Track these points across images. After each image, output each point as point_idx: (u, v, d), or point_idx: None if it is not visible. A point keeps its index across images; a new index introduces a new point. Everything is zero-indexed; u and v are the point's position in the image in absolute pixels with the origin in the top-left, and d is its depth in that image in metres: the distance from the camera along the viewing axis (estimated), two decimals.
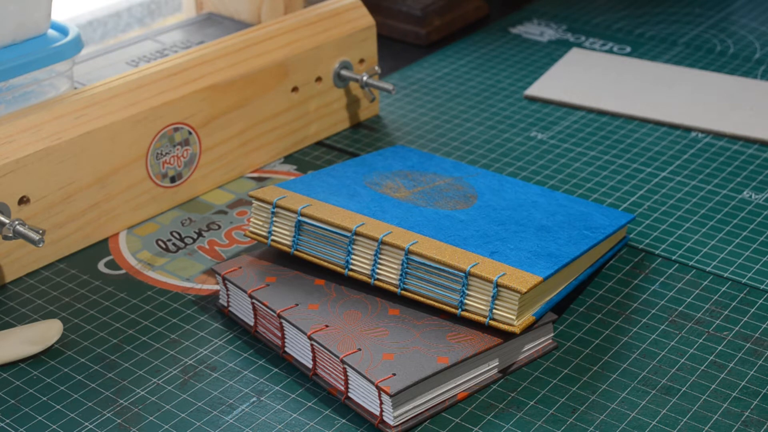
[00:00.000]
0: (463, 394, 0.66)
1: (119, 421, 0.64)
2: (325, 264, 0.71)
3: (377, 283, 0.69)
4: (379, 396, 0.62)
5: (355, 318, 0.67)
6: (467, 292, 0.66)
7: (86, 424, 0.64)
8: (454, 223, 0.72)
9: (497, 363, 0.67)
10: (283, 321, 0.68)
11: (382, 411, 0.63)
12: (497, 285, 0.65)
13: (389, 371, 0.63)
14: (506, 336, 0.66)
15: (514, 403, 0.65)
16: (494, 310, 0.66)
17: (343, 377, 0.64)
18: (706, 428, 0.63)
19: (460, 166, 0.84)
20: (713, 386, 0.67)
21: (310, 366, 0.67)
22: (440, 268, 0.67)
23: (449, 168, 0.83)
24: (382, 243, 0.69)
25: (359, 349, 0.64)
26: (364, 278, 0.70)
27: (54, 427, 0.64)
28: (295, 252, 0.72)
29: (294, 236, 0.72)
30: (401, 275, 0.68)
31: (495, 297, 0.66)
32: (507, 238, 0.71)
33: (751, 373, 0.68)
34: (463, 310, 0.67)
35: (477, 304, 0.66)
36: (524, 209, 0.76)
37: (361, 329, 0.66)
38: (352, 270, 0.70)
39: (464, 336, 0.66)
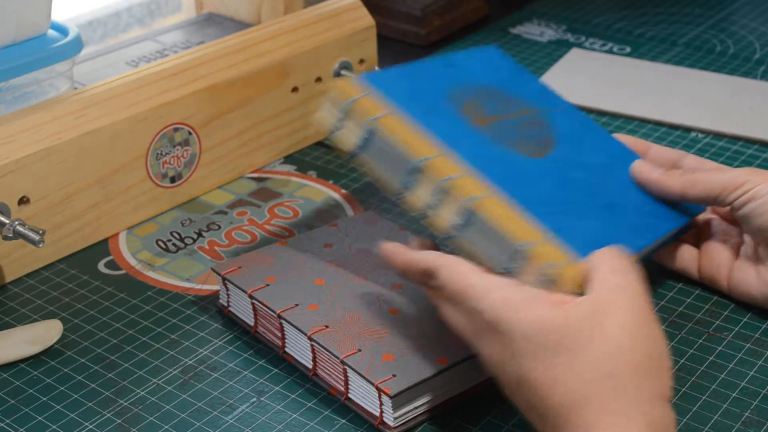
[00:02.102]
0: (464, 394, 0.65)
1: (119, 421, 0.64)
2: (380, 180, 0.67)
3: (426, 221, 0.65)
4: (379, 397, 0.62)
5: (356, 318, 0.67)
6: (515, 266, 0.63)
7: (86, 424, 0.64)
8: (524, 176, 0.68)
9: None
10: (283, 321, 0.68)
11: (382, 412, 0.63)
12: (546, 275, 0.62)
13: (389, 372, 0.63)
14: None
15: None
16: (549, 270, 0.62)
17: (343, 378, 0.64)
18: (706, 428, 0.63)
19: (547, 92, 0.79)
20: (713, 386, 0.67)
21: (310, 366, 0.67)
22: (500, 234, 0.63)
23: (536, 94, 0.78)
24: (448, 185, 0.64)
25: (359, 350, 0.64)
26: (415, 210, 0.66)
27: (54, 427, 0.64)
28: (356, 159, 0.68)
29: (361, 143, 0.67)
30: (456, 224, 0.64)
31: (541, 281, 0.62)
32: (571, 211, 0.67)
33: (751, 373, 0.68)
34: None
35: (524, 276, 0.63)
36: (598, 174, 0.73)
37: (361, 329, 0.66)
38: (406, 198, 0.66)
39: None
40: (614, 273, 0.58)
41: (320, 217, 0.85)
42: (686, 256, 0.76)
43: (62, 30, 0.83)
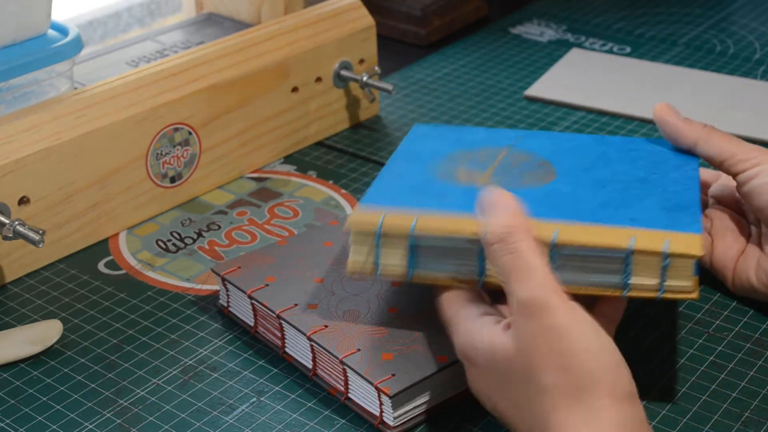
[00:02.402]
0: (465, 393, 0.65)
1: (119, 421, 0.64)
2: (452, 281, 0.62)
3: None
4: (379, 397, 0.62)
5: (355, 317, 0.67)
6: (632, 269, 0.61)
7: (86, 424, 0.64)
8: (565, 198, 0.66)
9: None
10: (282, 321, 0.68)
11: (381, 412, 0.63)
12: (669, 255, 0.60)
13: (388, 372, 0.63)
14: None
15: None
16: (667, 282, 0.61)
17: (342, 378, 0.64)
18: (706, 428, 0.63)
19: (497, 133, 0.77)
20: (713, 386, 0.67)
21: (310, 366, 0.67)
22: (596, 253, 0.60)
23: (491, 138, 0.76)
24: None
25: (358, 350, 0.64)
26: (501, 283, 0.60)
27: (54, 427, 0.64)
28: (414, 278, 0.63)
29: (409, 260, 0.63)
30: (552, 270, 0.59)
31: (666, 268, 0.61)
32: (626, 201, 0.65)
33: (751, 373, 0.68)
34: (629, 290, 0.61)
35: (645, 280, 0.61)
36: (604, 165, 0.71)
37: (360, 329, 0.66)
38: (488, 277, 0.62)
39: None
40: (533, 288, 0.56)
41: (320, 217, 0.85)
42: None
43: (62, 30, 0.83)
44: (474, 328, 0.59)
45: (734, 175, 0.71)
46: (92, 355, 0.70)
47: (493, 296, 0.63)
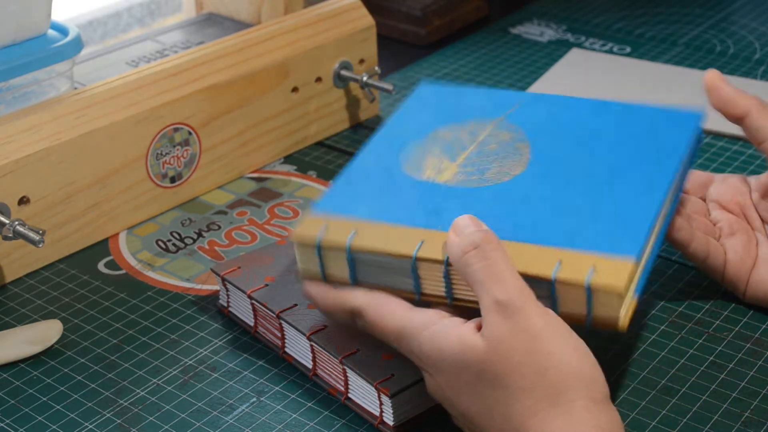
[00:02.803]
0: None
1: (119, 421, 0.64)
2: (393, 292, 0.62)
3: (456, 303, 0.61)
4: (379, 397, 0.62)
5: None
6: (557, 296, 0.58)
7: (86, 424, 0.64)
8: (517, 204, 0.64)
9: None
10: (282, 321, 0.68)
11: (381, 411, 0.63)
12: (590, 288, 0.57)
13: (388, 372, 0.63)
14: None
15: None
16: (593, 312, 0.58)
17: (342, 378, 0.64)
18: (706, 428, 0.63)
19: (497, 97, 0.75)
20: (713, 386, 0.66)
21: (310, 366, 0.67)
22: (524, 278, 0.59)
23: (487, 106, 0.73)
24: (449, 263, 0.60)
25: (358, 350, 0.64)
26: (440, 300, 0.61)
27: (54, 427, 0.64)
28: (357, 284, 0.63)
29: (350, 271, 0.62)
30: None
31: (590, 299, 0.58)
32: (579, 207, 0.63)
33: (751, 373, 0.68)
34: (558, 313, 0.59)
35: (572, 307, 0.59)
36: (585, 146, 0.69)
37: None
38: (424, 294, 0.62)
39: None
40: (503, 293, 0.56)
41: None
42: (714, 252, 0.71)
43: (62, 30, 0.83)
44: (439, 331, 0.57)
45: None
46: (92, 355, 0.70)
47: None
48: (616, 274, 0.58)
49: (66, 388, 0.67)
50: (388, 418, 0.62)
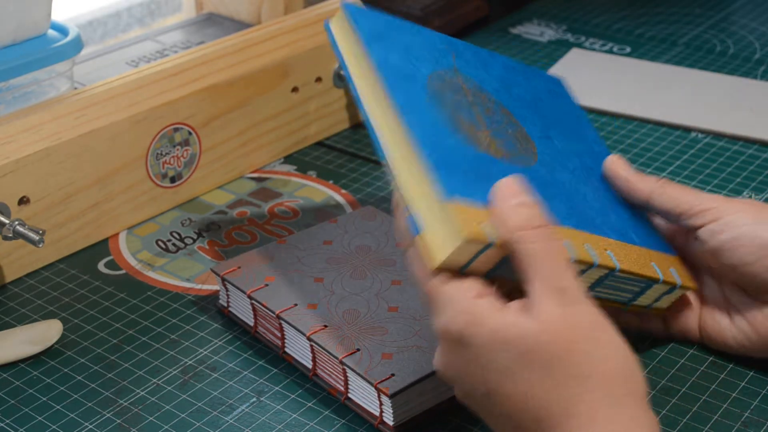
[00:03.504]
0: None
1: (119, 421, 0.64)
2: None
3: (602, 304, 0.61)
4: (379, 397, 0.62)
5: (355, 317, 0.67)
6: (646, 293, 0.66)
7: (86, 424, 0.64)
8: (563, 192, 0.63)
9: None
10: (282, 321, 0.68)
11: (381, 411, 0.63)
12: (680, 287, 0.66)
13: (388, 371, 0.63)
14: None
15: None
16: (658, 302, 0.67)
17: (342, 378, 0.64)
18: (706, 428, 0.63)
19: (424, 38, 0.67)
20: (713, 386, 0.66)
21: (310, 366, 0.67)
22: (635, 280, 0.62)
23: (423, 47, 0.66)
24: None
25: (358, 350, 0.64)
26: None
27: (54, 427, 0.64)
28: (491, 277, 0.58)
29: (497, 264, 0.58)
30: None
31: (668, 293, 0.66)
32: (604, 208, 0.65)
33: (751, 373, 0.68)
34: (629, 307, 0.65)
35: (646, 300, 0.66)
36: (535, 112, 0.68)
37: (360, 328, 0.66)
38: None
39: None
40: (560, 278, 0.55)
41: (320, 217, 0.85)
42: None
43: (62, 30, 0.83)
44: (481, 305, 0.55)
45: (695, 229, 0.66)
46: (92, 355, 0.70)
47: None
48: (688, 276, 0.67)
49: (66, 388, 0.67)
50: (388, 418, 0.62)
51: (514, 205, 0.56)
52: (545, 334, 0.53)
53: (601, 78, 1.07)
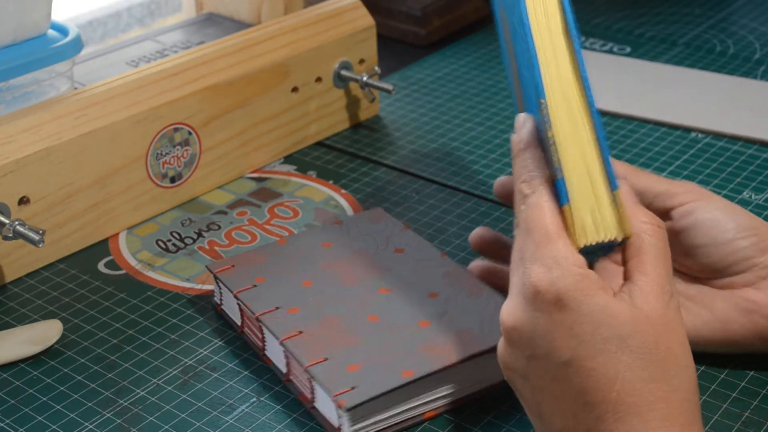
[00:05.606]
0: (430, 414, 0.63)
1: (119, 421, 0.64)
2: None
3: None
4: (337, 409, 0.60)
5: (332, 324, 0.66)
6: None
7: (86, 424, 0.64)
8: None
9: (468, 381, 0.64)
10: (261, 324, 0.67)
11: (341, 424, 0.61)
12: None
13: (351, 384, 0.60)
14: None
15: (516, 405, 0.65)
16: None
17: (309, 386, 0.63)
18: (706, 428, 0.63)
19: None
20: (713, 386, 0.66)
21: (285, 371, 0.66)
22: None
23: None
24: None
25: (326, 359, 0.63)
26: None
27: (54, 427, 0.64)
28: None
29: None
30: None
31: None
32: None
33: (751, 373, 0.68)
34: None
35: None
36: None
37: (334, 336, 0.64)
38: None
39: (439, 347, 0.63)
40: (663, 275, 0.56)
41: (320, 217, 0.85)
42: None
43: (62, 30, 0.83)
44: (594, 277, 0.54)
45: (668, 210, 0.66)
46: (92, 355, 0.70)
47: None
48: None
49: (66, 388, 0.67)
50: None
51: (637, 201, 0.59)
52: (652, 327, 0.53)
53: (601, 78, 1.07)
